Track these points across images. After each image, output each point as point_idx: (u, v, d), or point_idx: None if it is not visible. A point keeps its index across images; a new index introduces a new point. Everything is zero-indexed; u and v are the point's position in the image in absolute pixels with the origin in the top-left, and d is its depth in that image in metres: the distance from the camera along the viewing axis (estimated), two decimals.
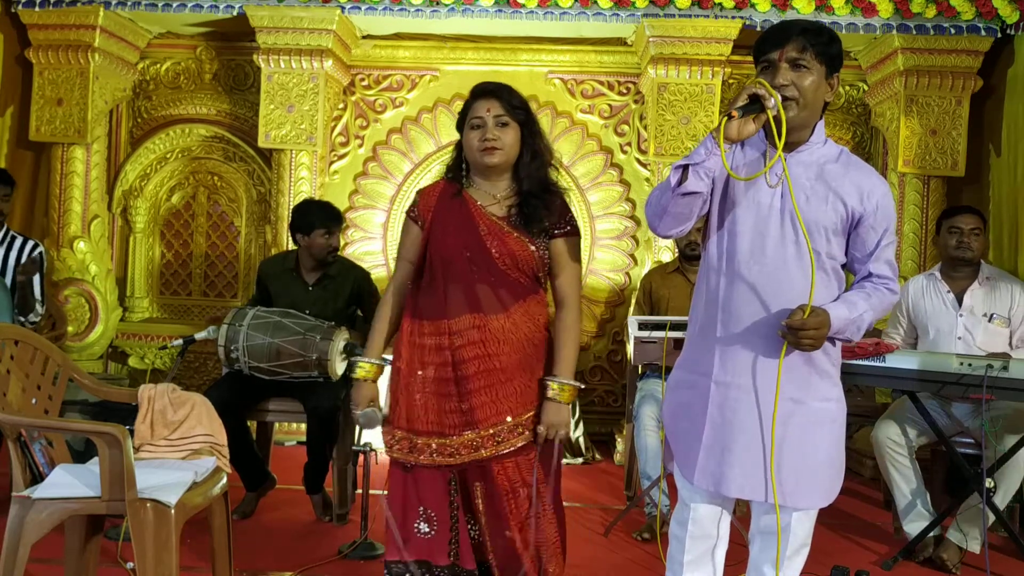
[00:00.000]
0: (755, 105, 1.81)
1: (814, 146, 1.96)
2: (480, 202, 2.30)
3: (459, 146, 2.38)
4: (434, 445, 2.24)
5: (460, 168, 2.35)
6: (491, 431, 2.21)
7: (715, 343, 1.96)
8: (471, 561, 2.29)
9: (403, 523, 2.29)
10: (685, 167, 1.82)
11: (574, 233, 2.32)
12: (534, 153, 2.31)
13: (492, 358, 2.21)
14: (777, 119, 1.82)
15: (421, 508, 2.30)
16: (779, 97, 1.83)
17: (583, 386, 2.28)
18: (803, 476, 1.93)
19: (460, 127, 2.35)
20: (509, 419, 2.22)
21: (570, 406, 2.27)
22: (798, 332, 1.83)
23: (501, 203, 2.30)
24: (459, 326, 2.23)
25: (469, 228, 2.26)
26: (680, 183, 1.82)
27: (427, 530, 2.28)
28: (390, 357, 2.39)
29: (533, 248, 2.26)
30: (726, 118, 1.79)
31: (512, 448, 2.22)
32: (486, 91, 2.31)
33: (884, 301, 1.96)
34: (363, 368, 2.31)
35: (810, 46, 1.88)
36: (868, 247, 1.96)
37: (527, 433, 2.24)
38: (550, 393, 2.24)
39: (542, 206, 2.27)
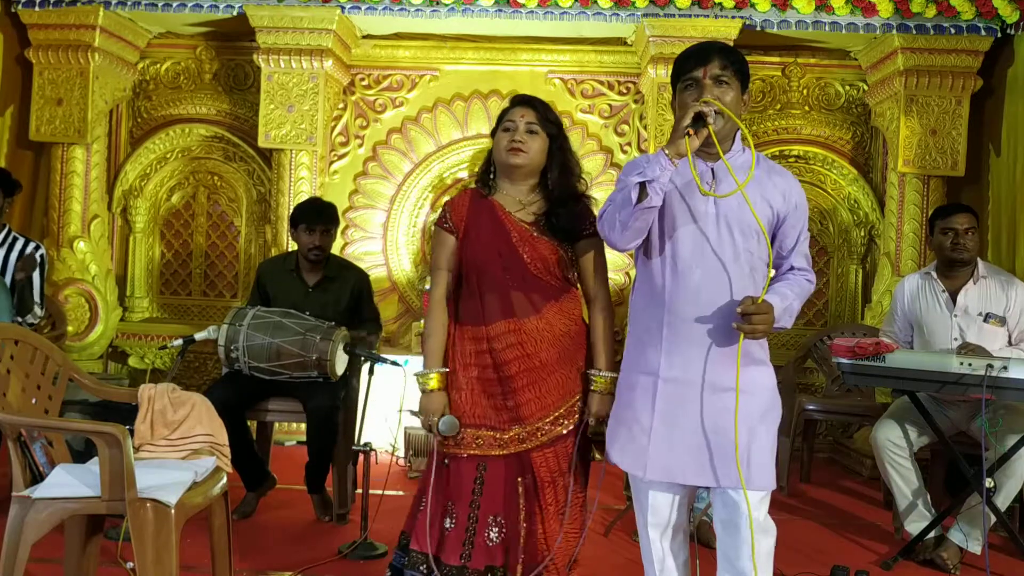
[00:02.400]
0: (699, 122, 1.96)
1: (736, 154, 2.11)
2: (508, 208, 2.42)
3: (490, 153, 2.51)
4: (481, 438, 2.37)
5: (488, 173, 2.49)
6: (537, 425, 2.36)
7: (661, 342, 2.08)
8: (481, 562, 2.37)
9: (435, 517, 2.39)
10: (641, 184, 1.95)
11: (597, 234, 2.39)
12: (562, 167, 2.45)
13: (532, 357, 2.35)
14: (717, 132, 1.98)
15: (449, 504, 2.40)
16: (720, 105, 1.99)
17: (612, 376, 2.41)
18: (753, 460, 2.04)
19: (495, 133, 2.49)
20: (553, 414, 2.36)
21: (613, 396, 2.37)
22: (752, 318, 1.95)
23: (527, 208, 2.43)
24: (496, 331, 2.37)
25: (501, 236, 2.39)
26: (638, 200, 1.95)
27: (449, 526, 2.39)
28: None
29: (562, 252, 2.41)
30: (686, 136, 1.93)
31: (553, 437, 2.36)
32: (524, 100, 2.47)
33: (805, 290, 2.15)
34: (431, 378, 2.39)
35: (730, 64, 2.06)
36: (788, 244, 2.14)
37: (567, 422, 2.38)
38: (595, 387, 2.38)
39: (565, 213, 2.41)
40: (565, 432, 2.38)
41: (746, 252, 2.05)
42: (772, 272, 2.10)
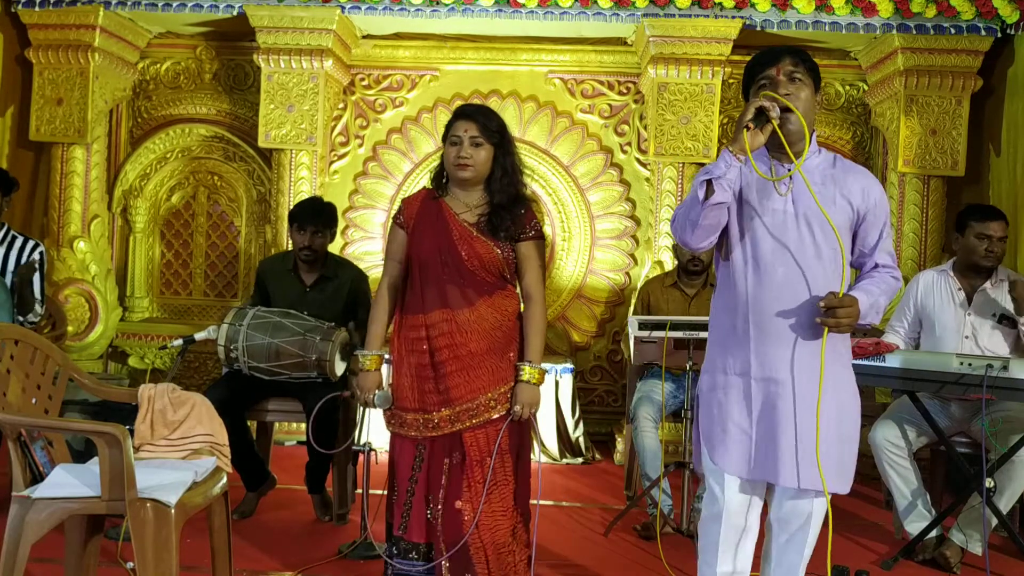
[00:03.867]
0: (762, 117, 1.99)
1: (812, 155, 2.12)
2: (455, 210, 2.62)
3: (443, 158, 2.68)
4: (420, 420, 2.59)
5: (441, 177, 2.68)
6: (465, 406, 2.55)
7: (750, 343, 2.09)
8: (420, 535, 2.60)
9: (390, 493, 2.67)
10: (708, 181, 1.97)
11: (537, 237, 2.64)
12: (504, 170, 2.62)
13: (461, 346, 2.55)
14: (783, 128, 2.00)
15: (393, 479, 2.66)
16: (784, 101, 2.00)
17: (548, 369, 2.58)
18: (837, 462, 2.06)
19: (445, 140, 2.65)
20: (482, 396, 2.55)
21: (540, 386, 2.61)
22: (837, 311, 1.98)
23: (473, 211, 2.62)
24: (432, 320, 2.58)
25: (444, 233, 2.59)
26: (706, 197, 1.98)
27: (393, 499, 2.65)
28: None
29: (498, 251, 2.58)
30: (746, 130, 1.97)
31: (485, 420, 2.56)
32: (466, 113, 2.63)
33: (891, 287, 2.16)
34: (368, 359, 2.65)
35: (801, 62, 2.10)
36: (871, 241, 2.15)
37: (499, 407, 2.57)
38: (523, 376, 2.57)
39: (508, 216, 2.58)
40: (496, 416, 2.56)
41: (828, 250, 2.06)
42: (847, 268, 2.09)
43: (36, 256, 3.89)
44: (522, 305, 2.67)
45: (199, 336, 3.51)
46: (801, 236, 2.06)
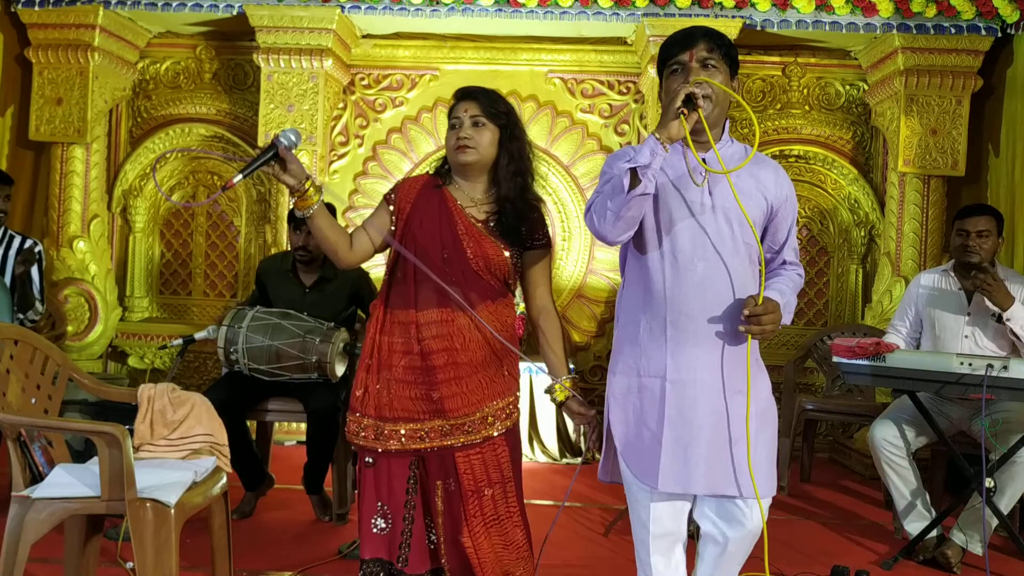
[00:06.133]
0: (689, 104, 1.86)
1: (724, 144, 2.02)
2: (460, 202, 2.32)
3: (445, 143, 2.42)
4: (403, 431, 2.26)
5: (444, 166, 2.41)
6: (459, 421, 2.25)
7: (665, 343, 1.97)
8: (422, 566, 2.29)
9: (365, 519, 2.30)
10: (633, 171, 1.84)
11: (548, 246, 2.38)
12: (511, 156, 2.32)
13: (458, 352, 2.26)
14: (707, 118, 1.88)
15: (379, 504, 2.29)
16: (720, 87, 1.91)
17: (577, 375, 2.39)
18: (762, 466, 1.96)
19: None
20: (478, 412, 2.26)
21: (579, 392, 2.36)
22: (762, 318, 1.87)
23: (479, 207, 2.33)
24: (426, 318, 2.27)
25: (447, 226, 2.29)
26: (631, 187, 1.85)
27: (383, 526, 2.29)
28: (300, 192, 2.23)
29: (507, 255, 2.31)
30: (681, 117, 1.83)
31: (481, 439, 2.26)
32: (466, 94, 2.36)
33: (798, 285, 2.10)
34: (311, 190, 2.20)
35: (716, 47, 1.97)
36: (781, 237, 2.07)
37: (498, 424, 2.28)
38: (560, 396, 2.33)
39: (519, 220, 2.31)
40: (496, 434, 2.27)
41: (745, 244, 1.97)
42: (763, 267, 1.98)
43: (36, 252, 3.89)
44: (534, 316, 2.40)
45: (199, 336, 3.51)
46: (719, 229, 1.94)
